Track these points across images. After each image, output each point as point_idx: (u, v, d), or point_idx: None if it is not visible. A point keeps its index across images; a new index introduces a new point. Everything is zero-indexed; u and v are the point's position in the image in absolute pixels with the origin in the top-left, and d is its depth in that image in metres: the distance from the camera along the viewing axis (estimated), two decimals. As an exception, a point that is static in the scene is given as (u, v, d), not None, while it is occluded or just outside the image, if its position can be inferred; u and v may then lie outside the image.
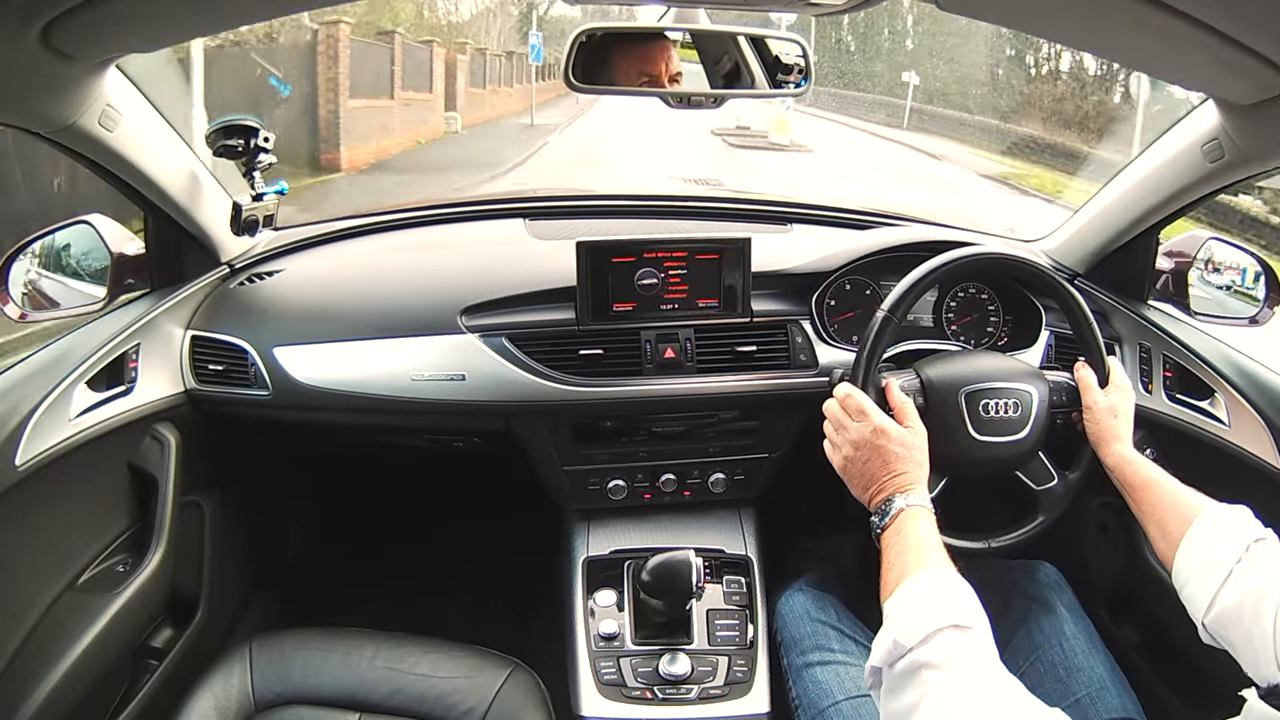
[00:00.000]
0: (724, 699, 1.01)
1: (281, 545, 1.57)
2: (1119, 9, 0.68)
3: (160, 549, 1.07)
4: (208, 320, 1.18)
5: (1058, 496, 1.00)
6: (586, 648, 1.06)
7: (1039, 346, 1.20)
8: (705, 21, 1.03)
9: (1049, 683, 0.94)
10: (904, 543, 0.78)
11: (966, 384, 0.97)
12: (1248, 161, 0.97)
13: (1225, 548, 0.76)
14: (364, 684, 0.95)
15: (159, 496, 1.09)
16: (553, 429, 1.18)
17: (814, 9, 0.88)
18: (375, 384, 1.12)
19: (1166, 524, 0.84)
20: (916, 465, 0.87)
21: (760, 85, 1.04)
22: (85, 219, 1.09)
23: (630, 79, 1.02)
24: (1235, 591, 0.73)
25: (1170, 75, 0.90)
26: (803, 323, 1.19)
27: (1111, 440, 0.94)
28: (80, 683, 0.95)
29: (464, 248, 1.38)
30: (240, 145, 1.12)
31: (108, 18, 0.70)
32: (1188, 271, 1.19)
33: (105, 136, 0.92)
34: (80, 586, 1.02)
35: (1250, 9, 0.65)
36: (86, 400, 0.99)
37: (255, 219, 1.18)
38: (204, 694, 0.93)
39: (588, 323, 1.15)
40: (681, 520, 1.22)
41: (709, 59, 1.07)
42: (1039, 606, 1.02)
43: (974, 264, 1.02)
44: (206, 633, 1.22)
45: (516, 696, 0.94)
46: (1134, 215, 1.18)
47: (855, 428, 0.89)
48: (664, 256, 1.15)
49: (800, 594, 1.07)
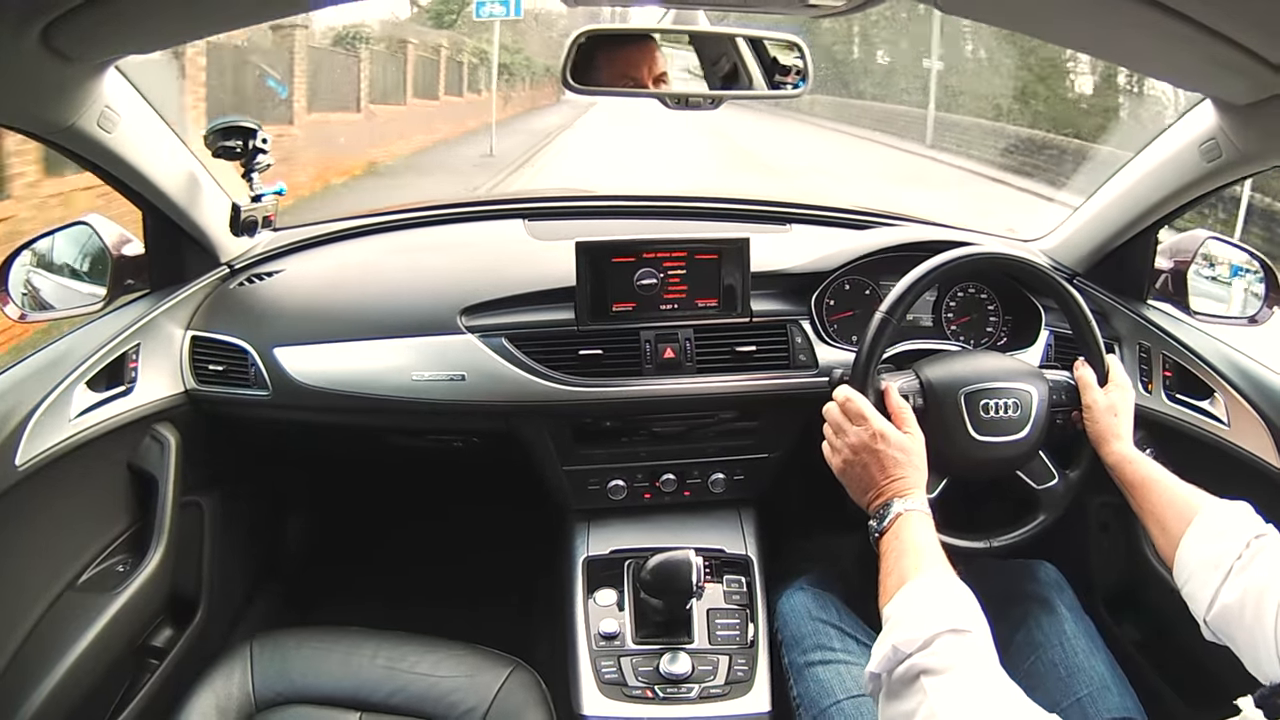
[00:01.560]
0: (725, 698, 1.01)
1: (282, 545, 1.57)
2: (1116, 9, 0.68)
3: (160, 549, 1.07)
4: (208, 320, 1.18)
5: (1058, 495, 1.00)
6: (587, 647, 1.06)
7: (1038, 346, 1.20)
8: (704, 23, 1.03)
9: (1050, 682, 0.94)
10: (902, 547, 0.79)
11: (966, 384, 0.97)
12: (1245, 161, 0.97)
13: (1226, 544, 0.76)
14: (364, 683, 0.95)
15: (159, 496, 1.09)
16: (552, 429, 1.18)
17: (814, 10, 0.88)
18: (375, 384, 1.12)
19: (1167, 522, 0.84)
20: (915, 470, 0.87)
21: (758, 86, 1.05)
22: (84, 219, 1.09)
23: (646, 79, 1.02)
24: (1237, 588, 0.73)
25: (1167, 75, 0.90)
26: (802, 323, 1.19)
27: (1111, 439, 0.94)
28: (80, 683, 0.95)
29: (464, 248, 1.38)
30: (239, 146, 1.13)
31: (107, 19, 0.70)
32: (1187, 271, 1.19)
33: (104, 138, 0.93)
34: (80, 586, 1.02)
35: (1248, 9, 0.65)
36: (86, 400, 1.00)
37: (254, 219, 1.19)
38: (204, 693, 0.93)
39: (587, 323, 1.15)
40: (681, 520, 1.22)
41: (707, 60, 1.07)
42: (1039, 606, 1.02)
43: (973, 264, 1.02)
44: (207, 632, 1.22)
45: (517, 696, 0.94)
46: (1132, 215, 1.18)
47: (854, 432, 0.89)
48: (663, 256, 1.15)
49: (801, 593, 1.07)
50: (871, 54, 12.85)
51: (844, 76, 12.08)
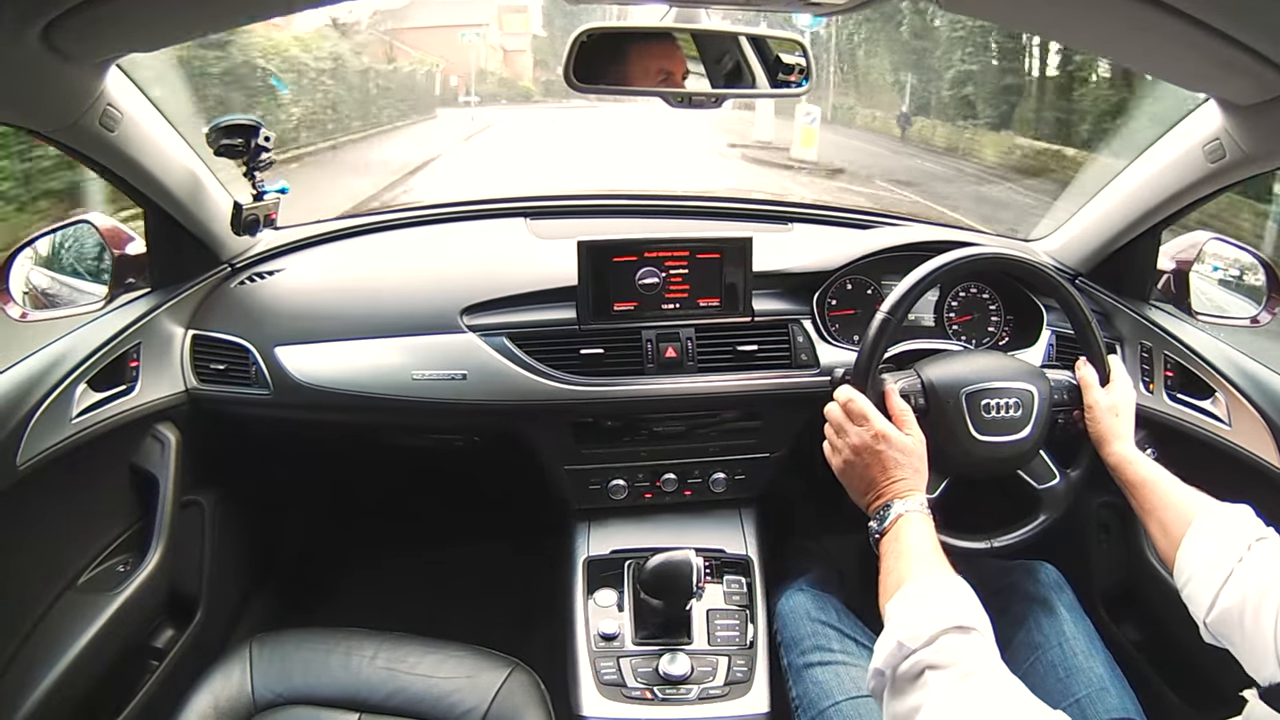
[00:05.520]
0: (724, 699, 1.01)
1: (282, 545, 1.57)
2: (1120, 9, 0.68)
3: (160, 548, 1.07)
4: (208, 319, 1.18)
5: (1059, 495, 0.99)
6: (586, 648, 1.06)
7: (1040, 346, 1.20)
8: (706, 21, 1.03)
9: (1049, 683, 0.94)
10: (902, 548, 0.79)
11: (967, 384, 0.97)
12: (1249, 161, 0.97)
13: (1226, 547, 0.76)
14: (364, 684, 0.95)
15: (159, 496, 1.09)
16: (554, 428, 1.18)
17: (814, 9, 0.88)
18: (376, 383, 1.12)
19: (1167, 523, 0.84)
20: (915, 472, 0.87)
21: (761, 85, 1.04)
22: (85, 218, 1.09)
23: (649, 78, 1.01)
24: (1237, 591, 0.73)
25: (1171, 76, 0.90)
26: (804, 322, 1.19)
27: (1113, 439, 0.94)
28: (80, 682, 0.95)
29: (465, 247, 1.38)
30: (241, 144, 1.12)
31: (108, 18, 0.70)
32: (1189, 272, 1.19)
33: (106, 136, 0.92)
34: (80, 586, 1.02)
35: (1251, 9, 0.65)
36: (87, 399, 0.99)
37: (256, 218, 1.18)
38: (204, 694, 0.93)
39: (589, 322, 1.15)
40: (682, 520, 1.22)
41: (710, 58, 1.07)
42: (1039, 607, 1.02)
43: (975, 264, 1.02)
44: (206, 632, 1.22)
45: (516, 696, 0.94)
46: (1135, 215, 1.18)
47: (856, 432, 0.89)
48: (665, 256, 1.15)
49: (800, 594, 1.07)
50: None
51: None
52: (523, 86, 17.77)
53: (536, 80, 17.79)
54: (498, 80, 17.59)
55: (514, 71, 18.53)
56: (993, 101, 10.05)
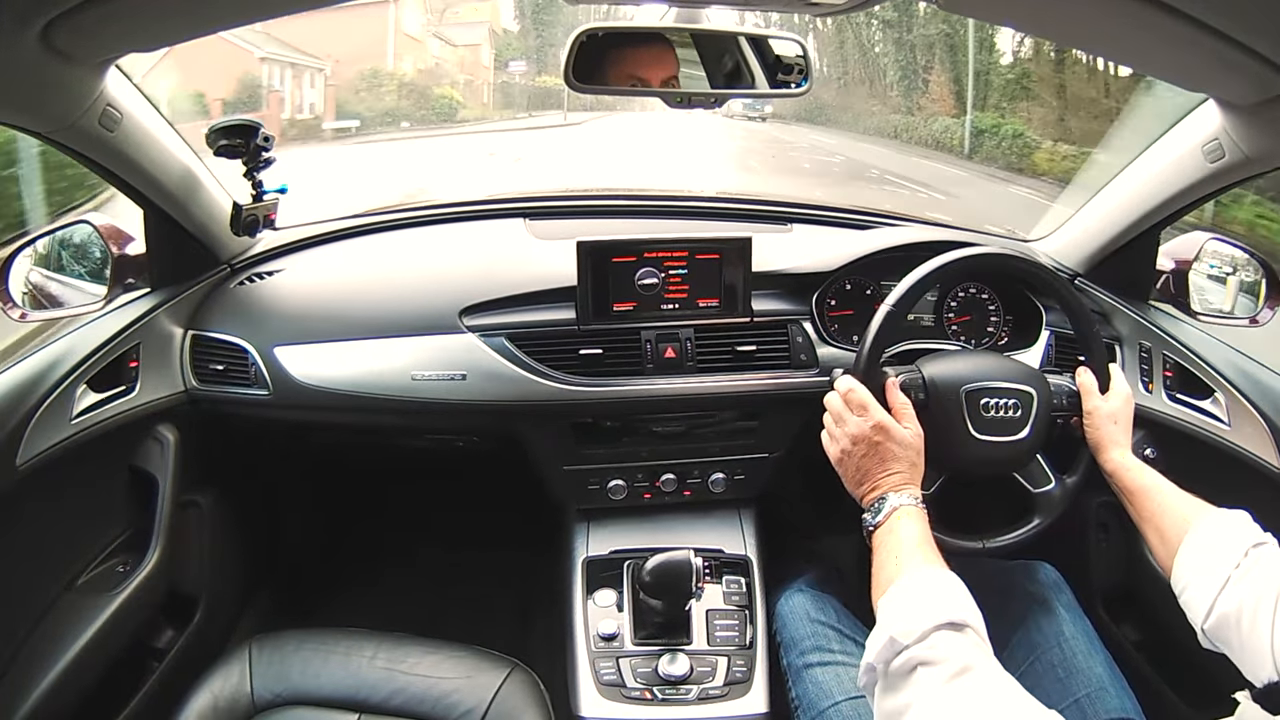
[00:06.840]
0: (723, 699, 1.01)
1: (281, 545, 1.57)
2: (1119, 9, 0.68)
3: (160, 548, 1.07)
4: (208, 320, 1.18)
5: (1055, 500, 0.99)
6: (586, 648, 1.06)
7: (1039, 347, 1.20)
8: (706, 21, 1.03)
9: (1048, 683, 0.94)
10: (896, 541, 0.79)
11: (968, 382, 0.97)
12: (1249, 162, 0.97)
13: (1223, 553, 0.76)
14: (364, 684, 0.95)
15: (158, 496, 1.09)
16: (553, 429, 1.18)
17: (814, 9, 0.88)
18: (375, 383, 1.12)
19: (1165, 530, 0.84)
20: (912, 466, 0.87)
21: (760, 85, 1.04)
22: (85, 218, 1.09)
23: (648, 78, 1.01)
24: (1234, 597, 0.73)
25: (1171, 75, 0.90)
26: (803, 322, 1.19)
27: (1111, 446, 0.94)
28: (80, 683, 0.95)
29: (464, 247, 1.38)
30: (240, 145, 1.12)
31: (107, 18, 0.70)
32: (1188, 272, 1.19)
33: (106, 136, 0.92)
34: (80, 586, 1.02)
35: (1250, 9, 0.65)
36: (87, 400, 1.00)
37: (255, 218, 1.18)
38: (203, 694, 0.93)
39: (588, 322, 1.15)
40: (681, 520, 1.22)
41: (709, 58, 1.07)
42: (1038, 606, 1.02)
43: (975, 264, 1.02)
44: (206, 633, 1.22)
45: (516, 697, 0.94)
46: (1135, 216, 1.18)
47: (855, 422, 0.89)
48: (664, 256, 1.15)
49: (800, 594, 1.07)
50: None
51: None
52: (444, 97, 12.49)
53: (496, 87, 13.20)
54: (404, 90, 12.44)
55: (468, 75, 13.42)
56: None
